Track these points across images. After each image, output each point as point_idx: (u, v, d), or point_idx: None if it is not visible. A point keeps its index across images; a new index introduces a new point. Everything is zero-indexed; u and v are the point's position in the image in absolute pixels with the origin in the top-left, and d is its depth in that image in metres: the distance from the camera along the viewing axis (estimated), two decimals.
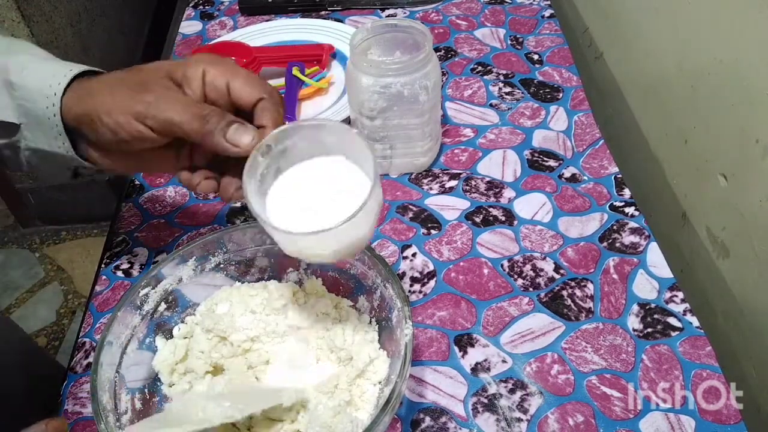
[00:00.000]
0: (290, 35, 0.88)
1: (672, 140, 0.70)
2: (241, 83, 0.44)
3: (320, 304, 0.51)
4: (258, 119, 0.44)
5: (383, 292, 0.49)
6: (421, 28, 0.62)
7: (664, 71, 0.70)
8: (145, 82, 0.44)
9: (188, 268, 0.51)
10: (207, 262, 0.52)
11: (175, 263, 0.50)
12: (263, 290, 0.52)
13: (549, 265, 0.60)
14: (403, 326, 0.44)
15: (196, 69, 0.44)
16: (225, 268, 0.53)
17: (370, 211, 0.40)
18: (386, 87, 0.61)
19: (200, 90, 0.44)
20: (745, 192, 0.57)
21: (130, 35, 1.89)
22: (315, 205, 0.42)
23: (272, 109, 0.44)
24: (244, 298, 0.51)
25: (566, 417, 0.49)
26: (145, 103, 0.42)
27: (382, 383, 0.47)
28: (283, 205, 0.43)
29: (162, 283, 0.49)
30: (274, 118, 0.44)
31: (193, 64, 0.45)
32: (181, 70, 0.45)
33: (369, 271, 0.50)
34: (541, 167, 0.69)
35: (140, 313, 0.48)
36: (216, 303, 0.52)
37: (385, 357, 0.48)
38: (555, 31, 0.87)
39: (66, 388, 0.53)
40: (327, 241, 0.40)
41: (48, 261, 1.66)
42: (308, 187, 0.43)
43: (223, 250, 0.52)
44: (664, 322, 0.54)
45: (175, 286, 0.51)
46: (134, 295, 0.48)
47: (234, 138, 0.42)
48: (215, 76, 0.44)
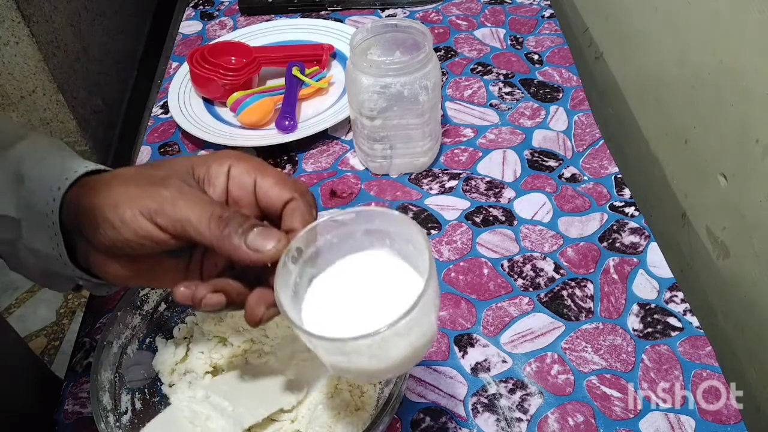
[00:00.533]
0: (290, 35, 0.88)
1: (672, 140, 0.70)
2: (270, 182, 0.39)
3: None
4: (286, 222, 0.38)
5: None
6: (421, 28, 0.62)
7: (664, 71, 0.70)
8: (163, 178, 0.38)
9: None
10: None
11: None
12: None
13: (549, 265, 0.60)
14: None
15: (222, 164, 0.40)
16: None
17: (429, 304, 0.33)
18: (386, 87, 0.61)
19: (224, 186, 0.40)
20: (745, 192, 0.57)
21: (130, 35, 1.89)
22: (361, 310, 0.36)
23: (304, 210, 0.38)
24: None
25: (566, 417, 0.49)
26: (157, 199, 0.37)
27: (383, 383, 0.47)
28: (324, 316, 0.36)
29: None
30: (305, 220, 0.38)
31: (219, 158, 0.40)
32: (206, 165, 0.40)
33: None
34: (541, 167, 0.69)
35: (140, 314, 0.48)
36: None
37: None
38: (555, 31, 0.87)
39: (66, 388, 0.53)
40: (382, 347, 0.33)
41: None
42: (350, 291, 0.37)
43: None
44: (664, 322, 0.54)
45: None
46: (134, 295, 0.48)
47: (255, 243, 0.36)
48: (242, 173, 0.39)
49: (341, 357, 0.34)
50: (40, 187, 0.40)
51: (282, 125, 0.73)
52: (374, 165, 0.69)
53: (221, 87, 0.76)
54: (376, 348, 0.33)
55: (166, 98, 0.79)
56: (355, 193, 0.68)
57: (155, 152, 0.76)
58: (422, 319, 0.33)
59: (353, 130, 0.69)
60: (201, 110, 0.78)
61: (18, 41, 1.34)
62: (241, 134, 0.74)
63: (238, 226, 0.36)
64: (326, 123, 0.73)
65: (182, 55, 0.89)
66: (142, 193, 0.38)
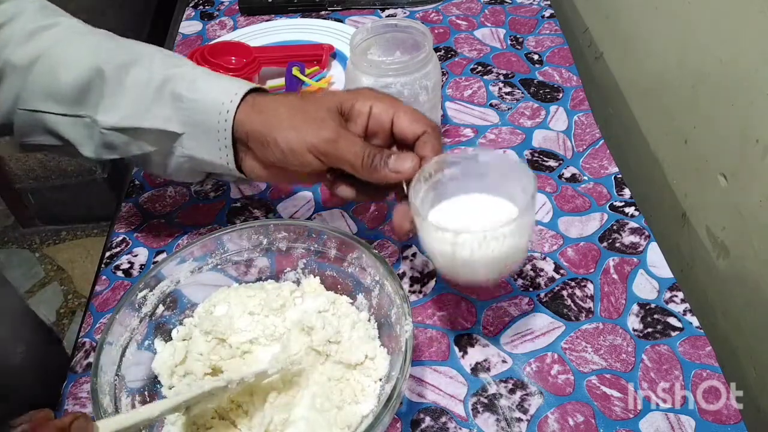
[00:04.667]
0: (290, 35, 0.88)
1: (672, 140, 0.70)
2: (406, 119, 0.47)
3: (318, 301, 0.51)
4: (420, 150, 0.47)
5: (381, 290, 0.49)
6: (421, 28, 0.62)
7: (664, 71, 0.70)
8: (320, 117, 0.47)
9: (186, 269, 0.51)
10: (205, 263, 0.52)
11: (173, 264, 0.50)
12: (261, 291, 0.52)
13: (549, 265, 0.60)
14: (402, 323, 0.44)
15: (364, 103, 0.48)
16: (223, 269, 0.53)
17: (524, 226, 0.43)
18: (386, 87, 0.61)
19: (365, 122, 0.48)
20: (745, 192, 0.57)
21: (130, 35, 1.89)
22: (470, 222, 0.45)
23: (434, 142, 0.47)
24: (243, 299, 0.51)
25: (566, 417, 0.49)
26: (323, 140, 0.46)
27: (383, 380, 0.47)
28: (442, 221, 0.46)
29: (160, 285, 0.49)
30: (436, 150, 0.47)
31: (361, 98, 0.48)
32: (350, 103, 0.48)
33: (367, 269, 0.50)
34: (541, 167, 0.69)
35: (139, 315, 0.48)
36: (214, 304, 0.52)
37: (385, 354, 0.48)
38: (555, 31, 0.87)
39: (66, 388, 0.53)
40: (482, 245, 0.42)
41: (48, 261, 1.66)
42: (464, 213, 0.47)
43: (221, 251, 0.52)
44: (664, 322, 0.54)
45: (174, 288, 0.50)
46: (133, 297, 0.48)
47: (396, 166, 0.46)
48: (381, 111, 0.48)
49: (449, 247, 0.43)
50: (207, 108, 0.48)
51: None
52: None
53: None
54: (477, 245, 0.42)
55: None
56: None
57: None
58: (516, 234, 0.42)
59: None
60: None
61: None
62: None
63: (381, 158, 0.46)
64: None
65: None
66: (308, 130, 0.46)
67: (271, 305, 0.51)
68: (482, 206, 0.47)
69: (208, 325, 0.49)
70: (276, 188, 0.69)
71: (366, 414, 0.46)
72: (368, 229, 0.64)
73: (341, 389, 0.47)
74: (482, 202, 0.47)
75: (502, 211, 0.46)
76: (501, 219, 0.43)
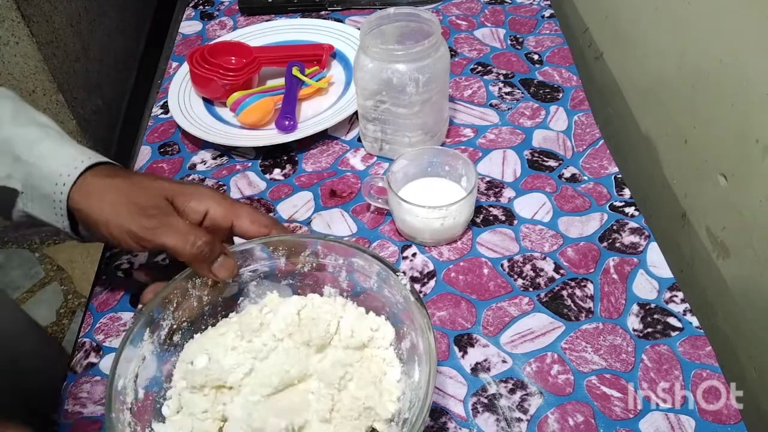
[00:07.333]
0: (290, 35, 0.88)
1: (672, 140, 0.70)
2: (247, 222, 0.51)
3: (291, 305, 0.50)
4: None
5: (350, 267, 0.50)
6: (432, 19, 0.64)
7: (664, 71, 0.70)
8: (145, 207, 0.48)
9: (148, 346, 0.47)
10: (161, 330, 0.48)
11: (130, 350, 0.45)
12: (229, 324, 0.50)
13: (549, 265, 0.60)
14: (391, 282, 0.46)
15: (200, 203, 0.50)
16: (180, 328, 0.49)
17: (469, 202, 0.60)
18: (381, 70, 0.62)
19: (198, 221, 0.50)
20: (745, 192, 0.57)
21: (130, 35, 1.89)
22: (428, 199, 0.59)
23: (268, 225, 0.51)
24: (216, 340, 0.49)
25: (566, 417, 0.49)
26: (143, 229, 0.47)
27: (393, 345, 0.48)
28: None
29: (130, 370, 0.45)
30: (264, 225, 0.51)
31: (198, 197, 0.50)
32: (184, 201, 0.50)
33: (323, 259, 0.51)
34: (541, 167, 0.69)
35: (127, 407, 0.43)
36: (190, 361, 0.48)
37: (383, 320, 0.49)
38: (555, 31, 0.87)
39: (66, 388, 0.53)
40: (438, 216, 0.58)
41: (48, 261, 1.66)
42: (423, 194, 0.62)
43: (170, 310, 0.48)
44: (664, 322, 0.54)
45: (143, 365, 0.46)
46: (113, 391, 0.42)
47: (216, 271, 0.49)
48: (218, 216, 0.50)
49: (411, 217, 0.60)
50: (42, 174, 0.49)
51: (282, 125, 0.73)
52: (367, 144, 0.72)
53: (221, 87, 0.76)
54: (437, 215, 0.58)
55: (166, 98, 0.80)
56: (354, 192, 0.68)
57: (155, 152, 0.76)
58: (459, 211, 0.59)
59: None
60: (201, 110, 0.78)
61: (18, 41, 1.33)
62: (241, 134, 0.74)
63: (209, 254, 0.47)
64: (326, 123, 0.73)
65: (182, 55, 0.89)
66: (130, 219, 0.48)
67: (250, 328, 0.48)
68: (437, 187, 0.64)
69: (200, 379, 0.46)
70: (276, 188, 0.69)
71: (399, 379, 0.46)
72: (368, 229, 0.64)
73: (368, 367, 0.47)
74: (437, 185, 0.64)
75: (451, 190, 0.63)
76: (452, 198, 0.59)
